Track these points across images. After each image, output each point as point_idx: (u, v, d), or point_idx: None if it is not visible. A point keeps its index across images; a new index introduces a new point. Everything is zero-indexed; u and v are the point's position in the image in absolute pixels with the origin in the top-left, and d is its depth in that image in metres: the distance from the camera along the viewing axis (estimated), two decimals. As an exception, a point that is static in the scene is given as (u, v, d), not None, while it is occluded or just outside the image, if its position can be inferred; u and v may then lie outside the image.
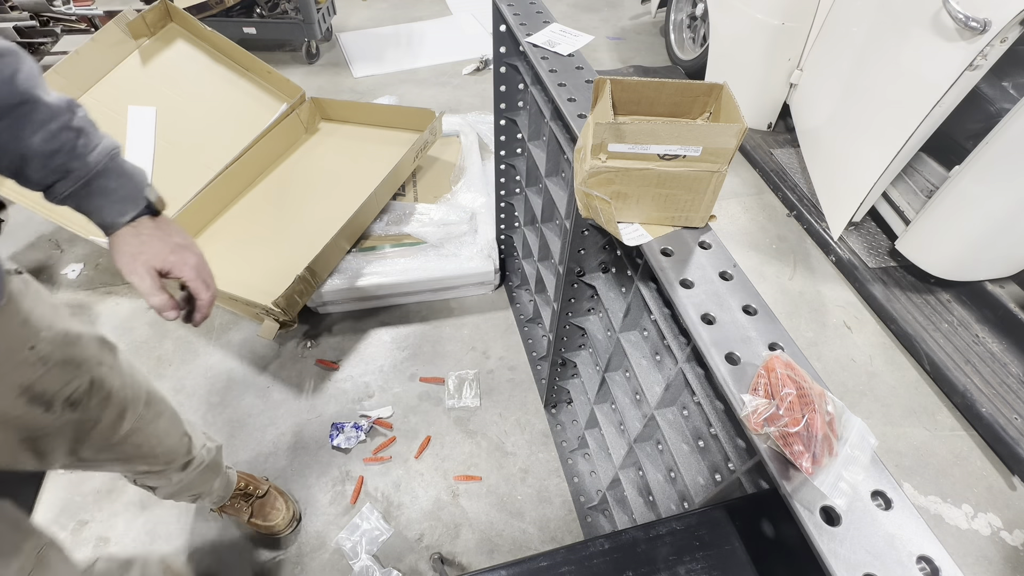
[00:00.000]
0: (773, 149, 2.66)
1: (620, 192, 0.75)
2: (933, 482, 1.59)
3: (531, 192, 1.54)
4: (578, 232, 1.06)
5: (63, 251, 2.19)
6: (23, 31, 2.77)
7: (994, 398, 1.66)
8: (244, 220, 2.09)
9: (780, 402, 0.54)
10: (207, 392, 1.75)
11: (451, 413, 1.72)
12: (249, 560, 1.42)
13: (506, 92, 1.46)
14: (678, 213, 0.77)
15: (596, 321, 1.29)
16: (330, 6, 3.43)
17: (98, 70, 2.01)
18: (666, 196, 0.75)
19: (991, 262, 1.83)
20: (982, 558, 1.46)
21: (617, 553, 0.59)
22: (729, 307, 0.68)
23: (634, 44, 3.66)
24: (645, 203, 0.76)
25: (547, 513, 1.51)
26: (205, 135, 2.16)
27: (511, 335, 1.93)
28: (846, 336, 1.95)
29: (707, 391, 0.77)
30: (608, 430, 1.25)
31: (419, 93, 3.17)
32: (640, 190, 0.75)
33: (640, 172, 0.72)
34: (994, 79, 1.76)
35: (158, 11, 2.11)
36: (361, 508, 1.49)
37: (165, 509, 1.50)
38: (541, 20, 1.25)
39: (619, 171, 0.73)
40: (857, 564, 0.47)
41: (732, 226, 2.38)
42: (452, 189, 2.15)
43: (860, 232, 2.20)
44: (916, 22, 1.72)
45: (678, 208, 0.77)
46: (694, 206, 0.76)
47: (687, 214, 0.77)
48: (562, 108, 1.02)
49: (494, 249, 1.95)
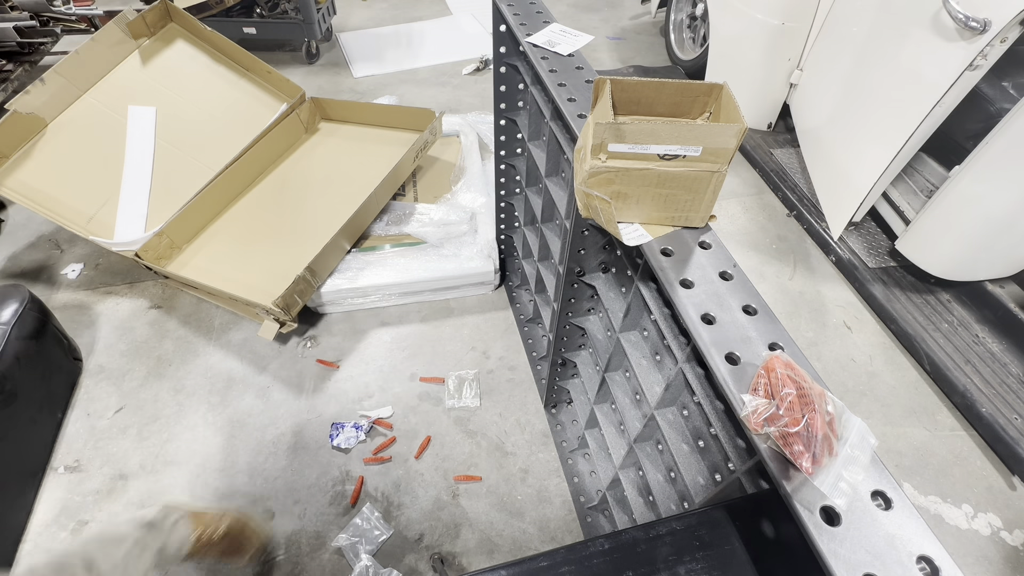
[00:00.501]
0: (773, 149, 2.66)
1: (620, 192, 0.75)
2: (933, 482, 1.59)
3: (531, 192, 1.54)
4: (578, 232, 1.06)
5: (63, 251, 2.19)
6: (23, 31, 2.77)
7: (994, 398, 1.66)
8: (244, 220, 2.09)
9: (780, 402, 0.54)
10: (207, 392, 1.75)
11: (451, 413, 1.72)
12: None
13: (506, 92, 1.46)
14: (678, 213, 0.77)
15: (596, 321, 1.29)
16: (330, 6, 3.43)
17: (98, 70, 2.01)
18: (666, 196, 0.75)
19: (991, 262, 1.83)
20: (982, 558, 1.46)
21: (617, 553, 0.59)
22: (729, 307, 0.68)
23: (634, 44, 3.65)
24: (645, 203, 0.76)
25: (547, 513, 1.51)
26: (205, 135, 2.16)
27: (511, 335, 1.93)
28: (846, 336, 1.95)
29: (707, 391, 0.77)
30: (608, 430, 1.25)
31: (419, 93, 3.17)
32: (640, 190, 0.75)
33: (640, 172, 0.72)
34: (994, 79, 1.76)
35: (158, 11, 2.11)
36: (361, 508, 1.49)
37: (165, 509, 1.50)
38: (541, 20, 1.25)
39: (619, 171, 0.73)
40: (857, 564, 0.47)
41: (732, 226, 2.38)
42: (452, 189, 2.15)
43: (860, 232, 2.20)
44: (916, 22, 1.72)
45: (678, 208, 0.77)
46: (694, 206, 0.76)
47: (687, 214, 0.77)
48: (562, 108, 1.02)
49: (494, 249, 1.95)
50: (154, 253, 1.86)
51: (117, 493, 1.53)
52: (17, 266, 2.14)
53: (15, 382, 1.45)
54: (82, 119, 1.95)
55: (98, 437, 1.64)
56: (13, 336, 1.48)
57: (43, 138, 1.88)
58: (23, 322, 1.52)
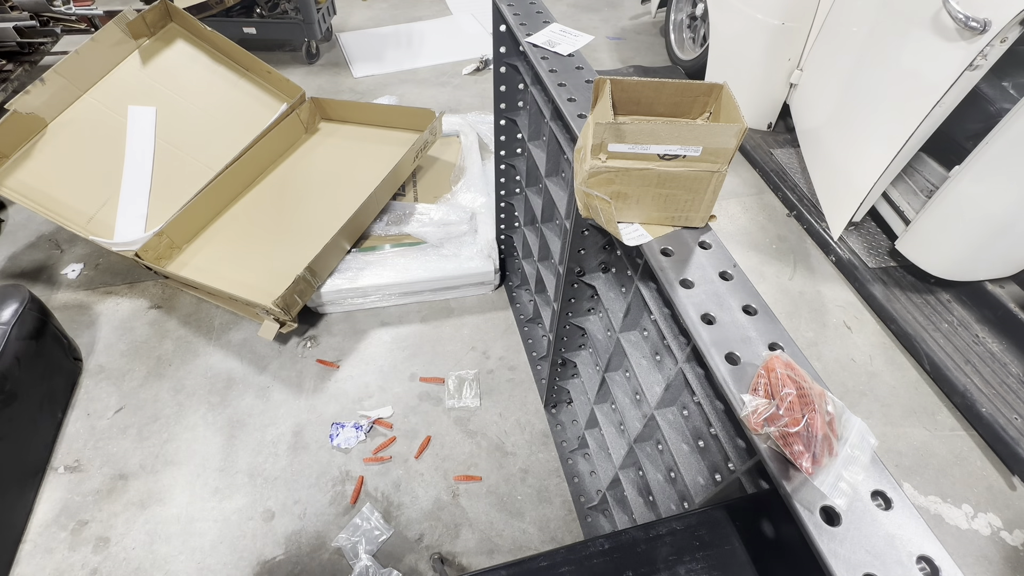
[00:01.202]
0: (773, 149, 2.66)
1: (620, 192, 0.75)
2: (933, 482, 1.59)
3: (531, 192, 1.54)
4: (578, 232, 1.06)
5: (63, 251, 2.19)
6: (23, 31, 2.77)
7: (994, 398, 1.66)
8: (244, 220, 2.09)
9: (780, 402, 0.54)
10: (207, 392, 1.75)
11: (451, 413, 1.72)
12: (249, 559, 1.42)
13: (506, 92, 1.46)
14: (678, 213, 0.77)
15: (596, 321, 1.29)
16: (330, 6, 3.43)
17: (98, 70, 2.01)
18: (666, 196, 0.75)
19: (991, 262, 1.82)
20: (982, 558, 1.46)
21: (617, 553, 0.59)
22: (729, 307, 0.68)
23: (634, 44, 3.66)
24: (645, 203, 0.76)
25: (547, 513, 1.51)
26: (205, 135, 2.16)
27: (511, 335, 1.93)
28: (846, 336, 1.95)
29: (707, 391, 0.77)
30: (608, 430, 1.25)
31: (419, 93, 3.17)
32: (640, 190, 0.75)
33: (640, 172, 0.72)
34: (994, 79, 1.75)
35: (158, 11, 2.11)
36: (361, 508, 1.49)
37: (165, 509, 1.50)
38: (541, 20, 1.25)
39: (619, 171, 0.73)
40: (857, 564, 0.47)
41: (732, 226, 2.38)
42: (452, 189, 2.15)
43: (860, 232, 2.20)
44: (916, 22, 1.72)
45: (678, 208, 0.77)
46: (694, 206, 0.76)
47: (687, 214, 0.77)
48: (562, 108, 1.02)
49: (494, 249, 1.95)
50: (154, 253, 1.86)
51: (117, 493, 1.53)
52: (17, 266, 2.14)
53: (15, 382, 1.45)
54: (82, 119, 1.95)
55: (98, 437, 1.64)
56: (13, 336, 1.48)
57: (43, 138, 1.88)
58: (23, 322, 1.52)
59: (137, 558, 1.42)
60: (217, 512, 1.50)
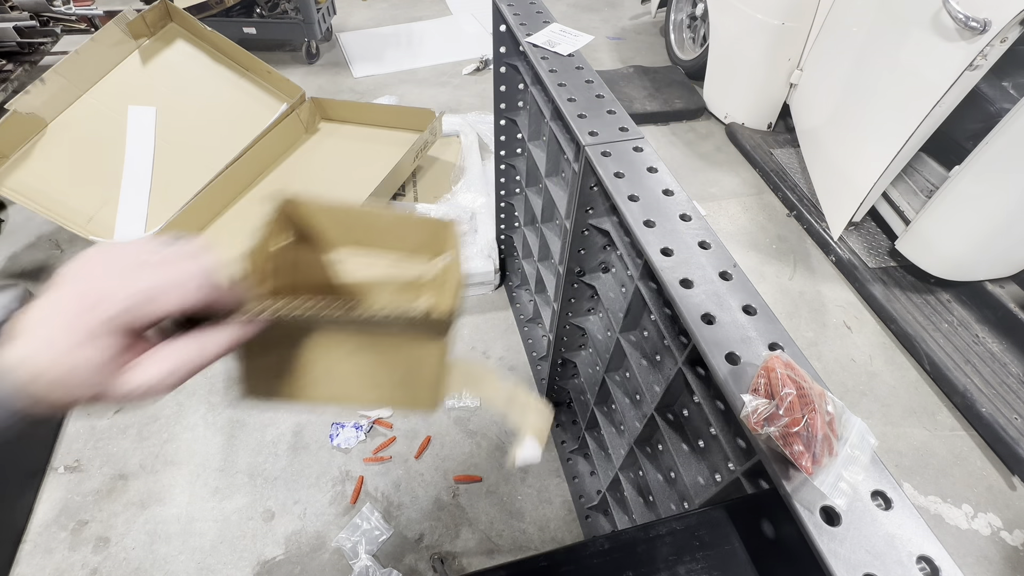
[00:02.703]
0: (773, 149, 2.66)
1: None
2: (933, 482, 1.59)
3: (531, 192, 1.54)
4: (578, 232, 1.06)
5: (63, 251, 2.19)
6: (23, 31, 2.77)
7: (994, 398, 1.65)
8: (244, 220, 2.08)
9: (780, 402, 0.53)
10: (207, 392, 1.75)
11: (451, 413, 1.72)
12: (249, 559, 1.42)
13: (506, 92, 1.46)
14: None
15: (596, 321, 1.29)
16: (330, 6, 3.43)
17: (98, 70, 2.01)
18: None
19: (991, 262, 1.82)
20: (982, 558, 1.46)
21: (617, 553, 0.58)
22: (729, 307, 0.68)
23: (634, 44, 3.65)
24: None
25: (547, 513, 1.51)
26: (205, 135, 2.16)
27: (511, 335, 1.93)
28: (846, 336, 1.95)
29: (707, 391, 0.77)
30: (608, 430, 1.25)
31: (419, 93, 3.17)
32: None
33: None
34: (994, 79, 1.75)
35: (158, 11, 2.11)
36: (361, 508, 1.49)
37: (165, 509, 1.50)
38: (541, 20, 1.25)
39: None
40: (857, 564, 0.47)
41: (732, 226, 2.38)
42: (452, 189, 2.15)
43: (860, 232, 2.20)
44: (916, 22, 1.72)
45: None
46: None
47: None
48: (562, 108, 1.02)
49: (494, 249, 1.95)
50: (154, 253, 1.86)
51: (117, 493, 1.53)
52: (17, 266, 2.14)
53: (15, 382, 1.45)
54: (82, 119, 1.95)
55: (98, 437, 1.64)
56: (13, 336, 1.47)
57: (43, 138, 1.87)
58: (23, 322, 1.51)
59: (137, 558, 1.42)
60: (217, 512, 1.50)
